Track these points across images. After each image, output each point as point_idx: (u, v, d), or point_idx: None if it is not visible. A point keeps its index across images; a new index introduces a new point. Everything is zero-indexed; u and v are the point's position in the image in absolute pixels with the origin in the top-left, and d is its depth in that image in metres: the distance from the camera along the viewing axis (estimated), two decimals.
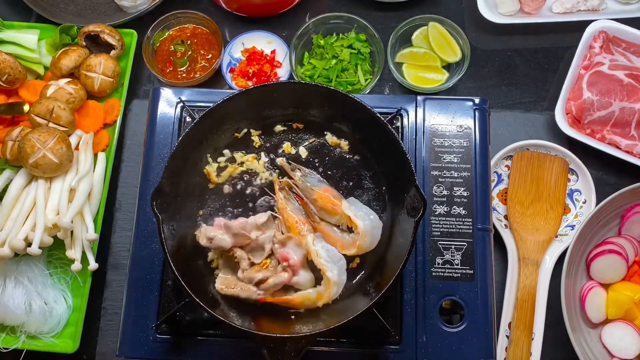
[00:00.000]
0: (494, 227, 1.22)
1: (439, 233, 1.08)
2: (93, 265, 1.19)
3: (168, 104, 1.16)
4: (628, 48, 1.35)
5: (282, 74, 1.38)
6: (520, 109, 1.37)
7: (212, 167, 1.09)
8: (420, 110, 1.14)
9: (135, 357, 1.03)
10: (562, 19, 1.38)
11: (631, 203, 1.21)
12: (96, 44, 1.38)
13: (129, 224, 1.29)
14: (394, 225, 1.04)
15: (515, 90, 1.38)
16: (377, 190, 1.08)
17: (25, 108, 1.30)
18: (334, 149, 1.11)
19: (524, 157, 1.27)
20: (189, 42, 1.39)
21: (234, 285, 1.00)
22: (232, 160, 1.11)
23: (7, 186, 1.21)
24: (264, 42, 1.40)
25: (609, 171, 1.30)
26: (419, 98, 1.15)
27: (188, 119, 1.14)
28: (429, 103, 1.15)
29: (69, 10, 1.46)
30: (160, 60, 1.39)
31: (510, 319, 1.19)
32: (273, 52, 1.39)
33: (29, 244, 1.15)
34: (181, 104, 1.15)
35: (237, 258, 1.01)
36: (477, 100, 1.15)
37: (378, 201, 1.08)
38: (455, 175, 1.11)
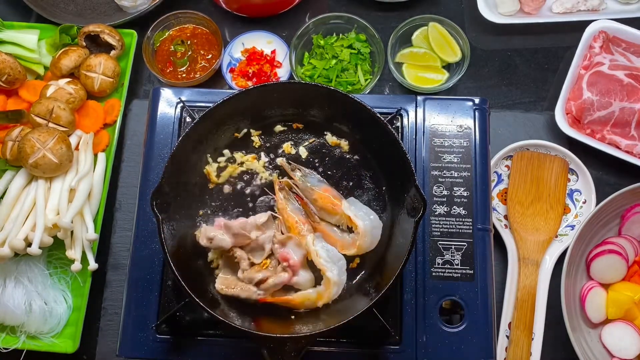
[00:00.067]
0: (494, 227, 1.21)
1: (439, 233, 1.08)
2: (93, 265, 1.19)
3: (168, 104, 1.16)
4: (628, 48, 1.35)
5: (282, 74, 1.38)
6: (520, 109, 1.37)
7: (212, 167, 1.09)
8: (420, 110, 1.14)
9: (135, 357, 1.03)
10: (562, 19, 1.38)
11: (631, 203, 1.21)
12: (96, 44, 1.38)
13: (129, 224, 1.29)
14: (394, 225, 1.04)
15: (515, 90, 1.38)
16: (377, 190, 1.08)
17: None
18: (334, 149, 1.11)
19: (524, 157, 1.27)
20: (189, 42, 1.39)
21: (234, 286, 1.00)
22: (232, 160, 1.11)
23: (7, 186, 1.22)
24: (264, 42, 1.40)
25: (609, 171, 1.30)
26: (419, 98, 1.15)
27: (188, 119, 1.14)
28: (429, 103, 1.15)
29: (69, 10, 1.46)
30: (160, 60, 1.39)
31: (510, 319, 1.19)
32: (273, 52, 1.39)
33: (29, 244, 1.15)
34: (181, 104, 1.15)
35: (237, 258, 1.01)
36: (477, 100, 1.15)
37: (378, 201, 1.08)
38: (455, 175, 1.11)
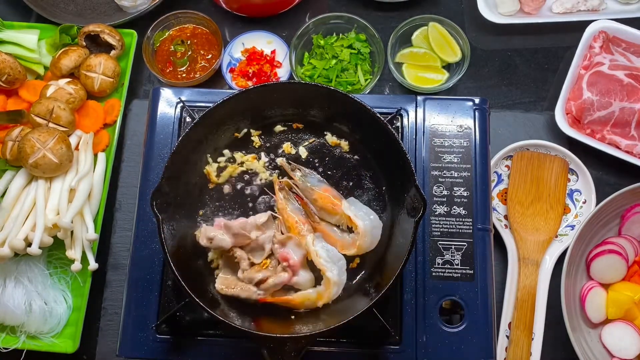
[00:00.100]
0: (494, 227, 1.21)
1: (439, 233, 1.08)
2: (93, 265, 1.19)
3: (168, 104, 1.16)
4: (628, 48, 1.35)
5: (282, 74, 1.38)
6: (520, 109, 1.37)
7: (212, 167, 1.09)
8: (420, 110, 1.14)
9: (135, 357, 1.03)
10: (562, 19, 1.38)
11: (631, 203, 1.21)
12: (96, 44, 1.38)
13: (129, 224, 1.29)
14: (394, 225, 1.04)
15: (515, 90, 1.38)
16: (377, 190, 1.08)
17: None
18: (334, 149, 1.11)
19: (524, 157, 1.27)
20: (189, 42, 1.39)
21: (234, 285, 1.00)
22: (232, 160, 1.11)
23: (7, 186, 1.22)
24: (264, 42, 1.40)
25: (609, 171, 1.30)
26: (419, 98, 1.15)
27: (188, 119, 1.14)
28: (429, 103, 1.15)
29: (69, 10, 1.46)
30: (160, 60, 1.39)
31: (510, 319, 1.19)
32: (273, 52, 1.39)
33: (29, 244, 1.15)
34: (181, 104, 1.15)
35: (237, 258, 1.01)
36: (477, 100, 1.15)
37: (378, 201, 1.08)
38: (455, 175, 1.11)
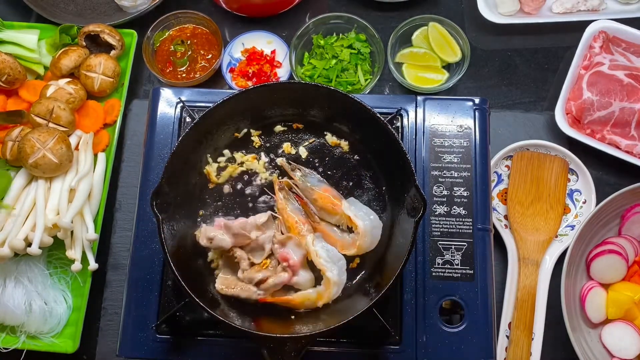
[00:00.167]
0: (494, 227, 1.21)
1: (439, 233, 1.08)
2: (93, 265, 1.19)
3: (168, 104, 1.16)
4: (628, 48, 1.35)
5: (282, 74, 1.38)
6: (520, 109, 1.37)
7: (212, 167, 1.09)
8: (420, 110, 1.14)
9: (135, 357, 1.03)
10: (562, 19, 1.38)
11: (631, 203, 1.21)
12: (96, 44, 1.38)
13: (129, 224, 1.29)
14: (394, 225, 1.04)
15: (515, 90, 1.38)
16: (377, 190, 1.08)
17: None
18: (334, 149, 1.11)
19: (524, 157, 1.27)
20: (189, 42, 1.39)
21: (234, 285, 1.00)
22: (232, 160, 1.11)
23: None
24: (264, 42, 1.40)
25: (609, 171, 1.30)
26: (419, 98, 1.15)
27: (188, 119, 1.14)
28: (429, 103, 1.15)
29: (69, 10, 1.46)
30: (160, 60, 1.39)
31: (510, 319, 1.19)
32: (273, 52, 1.39)
33: (29, 244, 1.15)
34: (181, 104, 1.15)
35: (237, 258, 1.01)
36: (477, 100, 1.15)
37: (378, 201, 1.08)
38: (455, 175, 1.11)
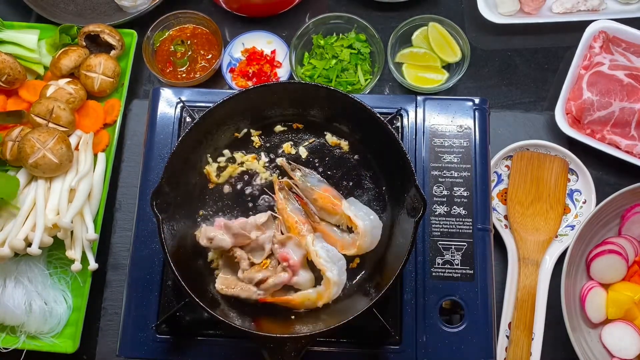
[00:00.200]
0: (494, 227, 1.21)
1: (439, 233, 1.08)
2: (93, 265, 1.19)
3: (168, 104, 1.16)
4: (628, 48, 1.35)
5: (282, 74, 1.38)
6: (520, 109, 1.37)
7: (212, 167, 1.09)
8: (420, 110, 1.14)
9: (135, 357, 1.03)
10: (562, 19, 1.38)
11: (631, 203, 1.21)
12: (96, 44, 1.38)
13: (129, 224, 1.29)
14: (394, 225, 1.04)
15: (515, 90, 1.38)
16: (377, 190, 1.08)
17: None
18: (334, 149, 1.11)
19: (524, 157, 1.27)
20: (189, 42, 1.39)
21: (234, 285, 1.00)
22: (232, 160, 1.11)
23: None
24: (264, 42, 1.40)
25: (609, 171, 1.30)
26: (419, 98, 1.15)
27: (188, 119, 1.14)
28: (429, 103, 1.15)
29: (69, 10, 1.46)
30: (160, 60, 1.39)
31: (510, 319, 1.19)
32: (273, 52, 1.39)
33: (29, 244, 1.15)
34: (181, 104, 1.15)
35: (237, 258, 1.01)
36: (477, 100, 1.15)
37: (378, 201, 1.08)
38: (455, 175, 1.11)
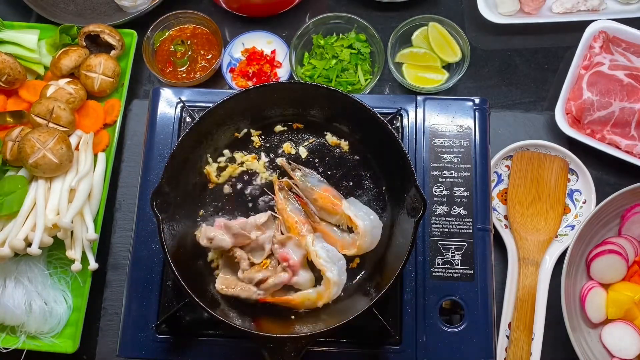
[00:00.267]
0: (494, 227, 1.21)
1: (439, 233, 1.08)
2: (93, 265, 1.19)
3: (168, 104, 1.16)
4: (628, 48, 1.35)
5: (282, 74, 1.38)
6: (520, 109, 1.37)
7: (212, 167, 1.09)
8: (420, 110, 1.14)
9: (135, 357, 1.03)
10: (562, 19, 1.38)
11: (631, 203, 1.21)
12: (96, 44, 1.38)
13: (129, 224, 1.29)
14: (394, 225, 1.04)
15: (515, 90, 1.38)
16: (377, 190, 1.08)
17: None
18: (334, 149, 1.11)
19: (524, 157, 1.27)
20: (189, 42, 1.39)
21: (234, 285, 1.00)
22: (232, 160, 1.11)
23: None
24: (264, 42, 1.40)
25: (609, 171, 1.30)
26: (419, 98, 1.15)
27: (188, 119, 1.14)
28: (429, 103, 1.15)
29: (69, 10, 1.46)
30: (160, 60, 1.39)
31: (510, 319, 1.19)
32: (273, 52, 1.39)
33: (29, 244, 1.14)
34: (181, 104, 1.15)
35: (237, 258, 1.01)
36: (477, 100, 1.15)
37: (378, 201, 1.08)
38: (455, 175, 1.11)
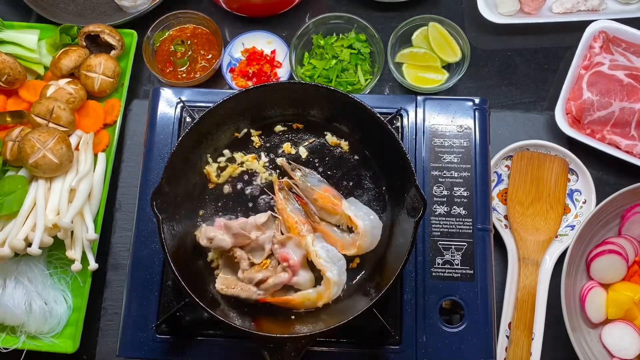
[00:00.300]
0: (494, 227, 1.21)
1: (439, 233, 1.08)
2: (93, 265, 1.19)
3: (168, 104, 1.16)
4: (628, 48, 1.35)
5: (282, 74, 1.38)
6: (520, 109, 1.37)
7: (212, 167, 1.09)
8: (420, 110, 1.14)
9: (135, 357, 1.03)
10: (562, 19, 1.38)
11: (631, 203, 1.21)
12: (96, 44, 1.38)
13: (129, 224, 1.29)
14: (394, 225, 1.04)
15: (515, 90, 1.38)
16: (377, 190, 1.08)
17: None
18: (334, 149, 1.11)
19: (524, 157, 1.27)
20: (189, 42, 1.39)
21: (234, 285, 1.00)
22: (232, 161, 1.11)
23: None
24: (264, 42, 1.40)
25: (609, 171, 1.30)
26: (419, 98, 1.15)
27: (188, 119, 1.14)
28: (429, 103, 1.15)
29: (69, 10, 1.46)
30: (160, 60, 1.39)
31: (510, 319, 1.19)
32: (273, 52, 1.39)
33: (29, 244, 1.15)
34: (181, 104, 1.15)
35: (237, 258, 1.01)
36: (477, 100, 1.15)
37: (378, 201, 1.08)
38: (455, 175, 1.11)
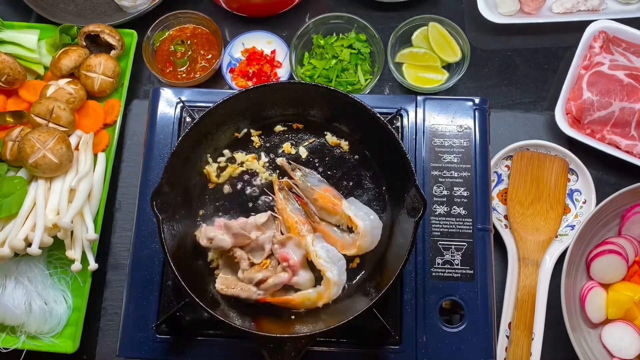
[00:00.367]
0: (494, 227, 1.21)
1: (439, 233, 1.08)
2: (93, 265, 1.19)
3: (168, 104, 1.16)
4: (628, 48, 1.35)
5: (282, 74, 1.38)
6: (520, 109, 1.37)
7: (212, 167, 1.09)
8: (420, 110, 1.14)
9: (135, 357, 1.03)
10: (562, 19, 1.38)
11: (631, 203, 1.21)
12: (96, 44, 1.38)
13: (129, 224, 1.29)
14: (394, 225, 1.04)
15: (515, 90, 1.38)
16: (377, 190, 1.08)
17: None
18: (334, 149, 1.11)
19: (524, 157, 1.27)
20: (189, 42, 1.39)
21: (234, 285, 1.00)
22: (232, 160, 1.11)
23: None
24: (264, 42, 1.40)
25: (609, 171, 1.30)
26: (419, 98, 1.15)
27: (188, 119, 1.14)
28: (429, 103, 1.15)
29: (69, 10, 1.46)
30: (160, 60, 1.39)
31: (510, 319, 1.19)
32: (273, 52, 1.39)
33: (29, 244, 1.15)
34: (181, 104, 1.15)
35: (237, 258, 1.01)
36: (477, 100, 1.15)
37: (378, 201, 1.08)
38: (455, 175, 1.11)
